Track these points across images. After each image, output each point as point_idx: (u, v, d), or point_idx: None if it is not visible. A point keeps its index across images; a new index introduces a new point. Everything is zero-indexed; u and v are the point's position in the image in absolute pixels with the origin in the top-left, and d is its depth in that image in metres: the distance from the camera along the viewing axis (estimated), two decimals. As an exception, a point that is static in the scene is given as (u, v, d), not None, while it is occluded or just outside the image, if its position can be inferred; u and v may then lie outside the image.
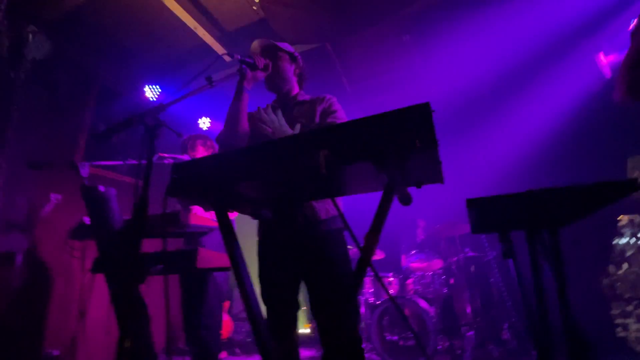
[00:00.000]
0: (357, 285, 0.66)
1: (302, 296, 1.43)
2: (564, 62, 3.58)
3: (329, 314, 1.28)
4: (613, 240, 3.48)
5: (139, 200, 1.01)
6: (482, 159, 4.09)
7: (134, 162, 1.95)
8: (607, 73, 3.17)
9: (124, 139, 3.77)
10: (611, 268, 3.44)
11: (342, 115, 1.47)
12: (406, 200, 0.90)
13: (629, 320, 3.30)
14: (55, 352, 2.62)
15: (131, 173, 3.61)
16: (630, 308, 3.33)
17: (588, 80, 3.46)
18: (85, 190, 1.67)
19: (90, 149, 3.47)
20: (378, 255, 3.87)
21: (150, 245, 1.61)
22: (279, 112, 1.50)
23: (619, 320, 3.33)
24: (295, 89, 1.63)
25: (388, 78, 4.19)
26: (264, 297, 1.39)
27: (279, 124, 1.43)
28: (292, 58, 1.63)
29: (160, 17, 3.21)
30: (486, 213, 1.07)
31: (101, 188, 1.66)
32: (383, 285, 0.66)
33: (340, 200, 1.47)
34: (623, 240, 3.49)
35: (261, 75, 1.49)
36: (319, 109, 1.49)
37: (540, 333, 1.14)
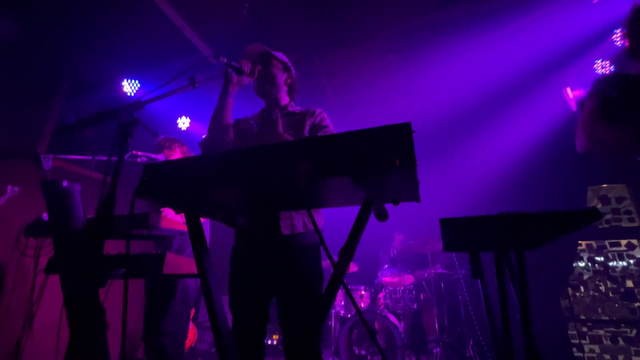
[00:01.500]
0: (329, 302, 0.64)
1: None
2: (535, 93, 3.82)
3: (296, 328, 1.26)
4: (572, 264, 3.68)
5: (105, 198, 0.95)
6: (456, 180, 4.25)
7: (104, 158, 1.86)
8: (573, 106, 3.40)
9: (96, 132, 3.59)
10: (569, 290, 3.63)
11: (332, 131, 1.47)
12: (383, 216, 0.91)
13: (584, 341, 3.47)
14: (-3, 358, 2.39)
15: (100, 169, 3.43)
16: (584, 329, 3.51)
17: (555, 113, 3.71)
18: (46, 184, 1.56)
19: (57, 142, 3.27)
20: (352, 268, 3.87)
21: (114, 247, 1.52)
22: (279, 118, 1.50)
23: (575, 341, 3.49)
24: (285, 99, 1.63)
25: (371, 94, 4.28)
26: (232, 307, 1.33)
27: (274, 130, 1.42)
28: (286, 68, 1.64)
29: (146, 11, 3.13)
30: (458, 233, 1.09)
31: (64, 183, 1.56)
32: (354, 302, 0.65)
33: (321, 213, 1.46)
34: (581, 264, 3.70)
35: (247, 80, 1.47)
36: (309, 122, 1.49)
37: (503, 351, 1.17)
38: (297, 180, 0.67)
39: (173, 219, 1.74)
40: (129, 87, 3.70)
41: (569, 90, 3.41)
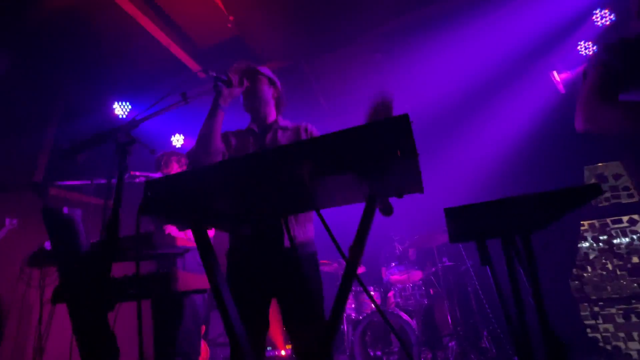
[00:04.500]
0: (344, 298, 0.64)
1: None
2: (523, 79, 3.87)
3: (306, 333, 1.26)
4: (577, 244, 3.69)
5: (110, 218, 0.94)
6: (453, 174, 4.26)
7: (103, 181, 1.85)
8: (561, 89, 3.44)
9: (90, 157, 3.58)
10: (577, 271, 3.63)
11: None
12: (388, 210, 0.91)
13: (598, 321, 3.46)
14: (8, 396, 2.34)
15: (99, 193, 3.42)
16: (597, 309, 3.51)
17: (545, 96, 3.75)
18: (46, 212, 1.55)
19: (52, 170, 3.25)
20: (359, 270, 3.86)
21: (117, 270, 1.50)
22: (276, 132, 1.54)
23: (588, 322, 3.49)
24: (273, 114, 1.65)
25: (362, 94, 4.31)
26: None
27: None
28: (271, 82, 1.66)
29: (131, 33, 3.15)
30: (463, 221, 1.10)
31: (65, 209, 1.55)
32: (371, 298, 0.65)
33: (313, 222, 1.49)
34: (586, 245, 3.71)
35: (237, 92, 1.48)
36: (303, 137, 1.54)
37: (519, 336, 1.17)
38: (301, 181, 0.68)
39: (177, 236, 1.74)
40: (120, 109, 3.71)
41: (555, 73, 3.46)
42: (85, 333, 1.58)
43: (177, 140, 4.37)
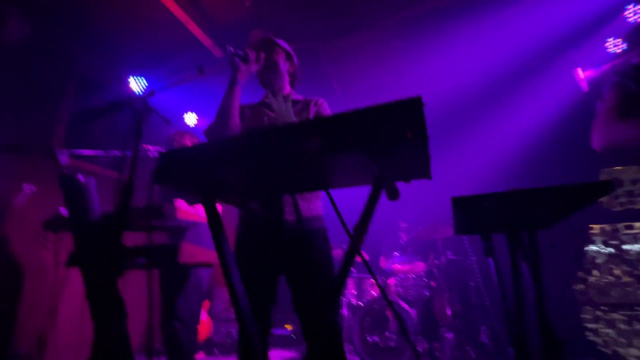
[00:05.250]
0: (345, 273, 0.66)
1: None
2: (545, 74, 3.74)
3: (313, 308, 1.28)
4: (585, 248, 3.63)
5: (124, 187, 0.97)
6: (464, 167, 4.21)
7: (117, 152, 1.90)
8: (584, 87, 3.32)
9: (105, 130, 3.65)
10: (583, 274, 3.59)
11: None
12: (394, 195, 0.91)
13: (599, 325, 3.44)
14: (22, 350, 2.48)
15: (113, 165, 3.50)
16: (599, 313, 3.48)
17: (567, 93, 3.63)
18: (63, 178, 1.60)
19: (69, 141, 3.34)
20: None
21: (129, 241, 1.56)
22: (290, 101, 1.50)
23: (590, 325, 3.47)
24: (287, 88, 1.63)
25: (377, 82, 4.25)
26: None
27: (286, 109, 1.43)
28: (288, 56, 1.64)
29: (149, 7, 3.15)
30: (470, 212, 1.09)
31: (81, 177, 1.60)
32: (375, 278, 0.66)
33: (321, 200, 1.48)
34: (594, 248, 3.65)
35: (255, 68, 1.48)
36: (313, 110, 1.51)
37: (517, 330, 1.18)
38: (310, 158, 0.68)
39: (186, 211, 1.78)
40: (136, 84, 3.74)
41: (580, 70, 3.33)
42: (97, 296, 1.66)
43: (190, 118, 4.40)
